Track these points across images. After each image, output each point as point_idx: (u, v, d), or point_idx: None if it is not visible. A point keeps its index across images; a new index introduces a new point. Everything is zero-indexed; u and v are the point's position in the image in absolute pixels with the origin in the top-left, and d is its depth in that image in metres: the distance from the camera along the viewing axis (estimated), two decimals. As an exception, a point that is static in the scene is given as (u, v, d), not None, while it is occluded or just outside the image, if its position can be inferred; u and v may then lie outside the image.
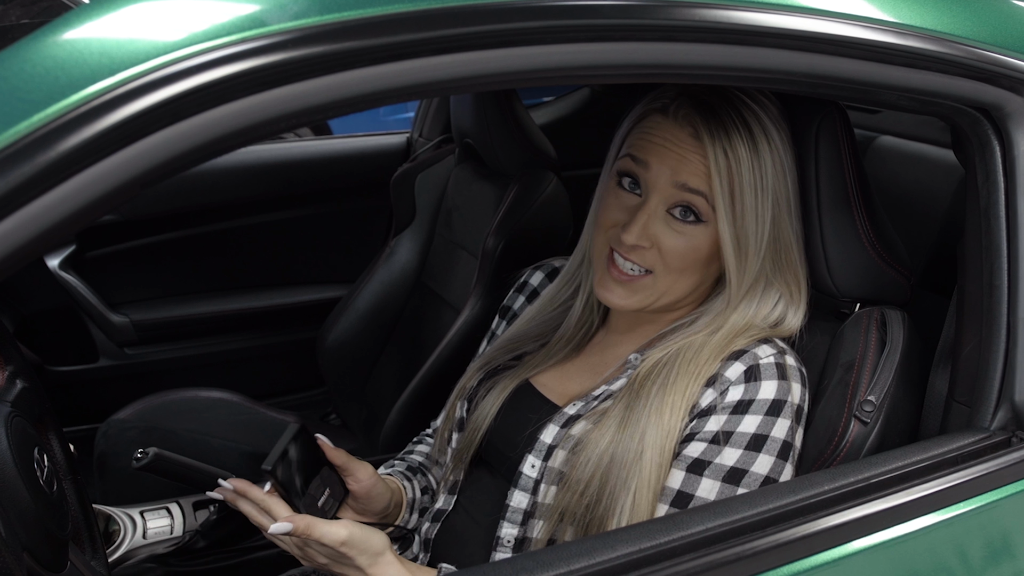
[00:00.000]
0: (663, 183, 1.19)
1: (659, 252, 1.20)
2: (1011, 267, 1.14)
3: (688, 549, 0.94)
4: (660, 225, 1.20)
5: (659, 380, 1.19)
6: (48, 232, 0.72)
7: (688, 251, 1.20)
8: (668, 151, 1.19)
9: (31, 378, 1.30)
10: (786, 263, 1.23)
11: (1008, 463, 1.11)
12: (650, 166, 1.20)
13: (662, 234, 1.19)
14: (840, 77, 1.03)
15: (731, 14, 0.94)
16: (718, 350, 1.20)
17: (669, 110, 1.20)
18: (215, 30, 0.76)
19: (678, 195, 1.19)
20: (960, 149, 1.21)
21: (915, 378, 1.25)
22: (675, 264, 1.20)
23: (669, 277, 1.21)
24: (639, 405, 1.17)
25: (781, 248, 1.22)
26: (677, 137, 1.19)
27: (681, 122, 1.19)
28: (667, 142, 1.19)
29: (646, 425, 1.16)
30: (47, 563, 1.07)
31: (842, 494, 1.03)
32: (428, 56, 0.80)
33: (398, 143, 2.69)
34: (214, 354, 2.59)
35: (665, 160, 1.19)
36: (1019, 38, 1.15)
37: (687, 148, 1.18)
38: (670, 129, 1.20)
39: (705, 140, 1.17)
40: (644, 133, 1.22)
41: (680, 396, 1.17)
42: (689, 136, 1.18)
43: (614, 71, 0.93)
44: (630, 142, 1.23)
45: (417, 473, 1.44)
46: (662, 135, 1.20)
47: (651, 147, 1.20)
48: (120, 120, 0.72)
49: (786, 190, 1.22)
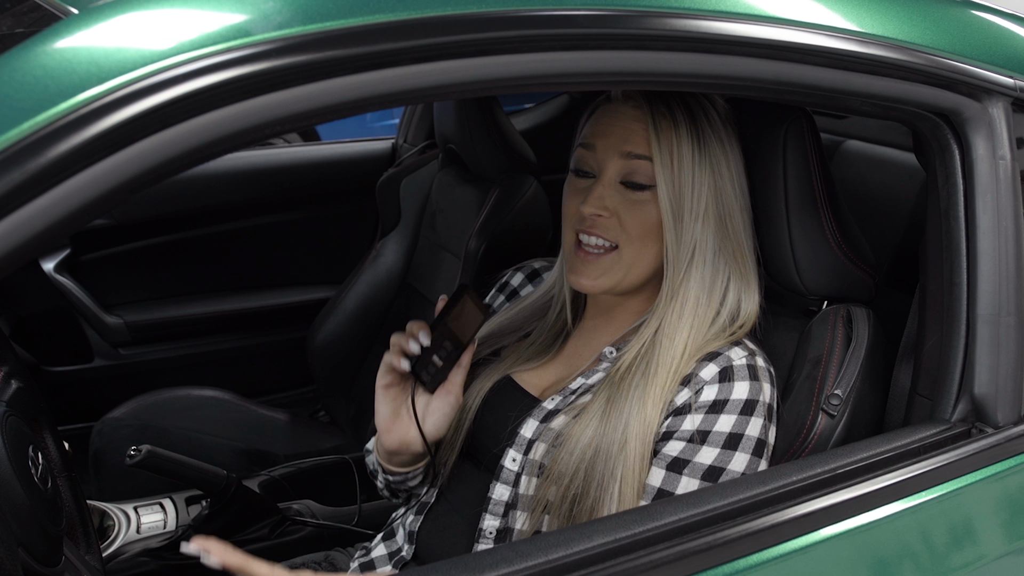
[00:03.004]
0: (611, 157, 1.22)
1: (619, 222, 1.21)
2: (970, 266, 1.14)
3: (662, 538, 0.94)
4: (615, 196, 1.22)
5: (639, 371, 1.19)
6: (39, 236, 0.72)
7: (644, 217, 1.21)
8: (613, 126, 1.23)
9: (26, 378, 1.29)
10: (738, 241, 1.23)
11: (968, 453, 1.12)
12: (596, 147, 1.23)
13: (618, 205, 1.21)
14: (806, 84, 1.04)
15: (700, 23, 0.95)
16: (693, 338, 1.20)
17: (612, 95, 1.25)
18: (201, 40, 0.75)
19: (626, 164, 1.21)
20: (921, 153, 1.21)
21: (880, 372, 1.26)
22: (635, 231, 1.21)
23: (632, 248, 1.22)
24: (621, 396, 1.18)
25: (730, 223, 1.23)
26: (620, 112, 1.23)
27: (623, 99, 1.24)
28: (612, 120, 1.23)
29: (629, 415, 1.16)
30: (42, 558, 1.06)
31: (810, 484, 1.03)
32: (408, 64, 0.80)
33: (384, 149, 2.68)
34: (206, 354, 2.58)
35: (611, 135, 1.22)
36: (977, 46, 1.16)
37: (629, 118, 1.22)
38: (614, 108, 1.24)
39: (644, 107, 1.21)
40: (592, 123, 1.26)
41: (660, 388, 1.17)
42: (631, 108, 1.22)
43: (589, 78, 0.93)
44: (581, 134, 1.27)
45: None
46: (608, 118, 1.24)
47: (598, 129, 1.24)
48: (109, 127, 0.71)
49: (728, 164, 1.23)
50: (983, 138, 1.14)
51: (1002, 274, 1.14)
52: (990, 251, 1.14)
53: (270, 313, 2.63)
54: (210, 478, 1.75)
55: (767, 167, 1.26)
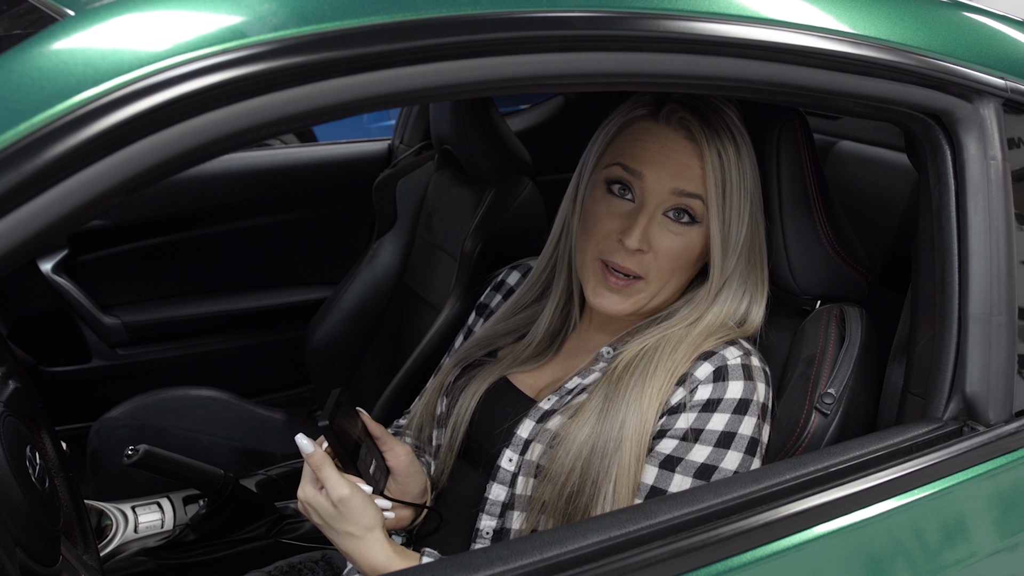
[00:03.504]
0: (661, 190, 1.18)
1: (654, 255, 1.19)
2: (962, 265, 1.15)
3: (656, 536, 0.94)
4: (656, 228, 1.19)
5: (639, 370, 1.19)
6: (36, 237, 0.71)
7: (683, 251, 1.20)
8: (666, 158, 1.18)
9: (23, 378, 1.29)
10: (758, 261, 1.24)
11: (960, 451, 1.13)
12: (645, 176, 1.19)
13: (658, 237, 1.19)
14: (799, 85, 1.04)
15: (694, 25, 0.95)
16: (695, 346, 1.20)
17: (660, 115, 1.20)
18: (197, 41, 0.75)
19: (675, 200, 1.19)
20: (913, 153, 1.22)
21: (873, 371, 1.26)
22: (668, 266, 1.20)
23: (661, 279, 1.21)
24: (618, 395, 1.17)
25: (756, 246, 1.23)
26: (673, 142, 1.18)
27: (675, 126, 1.19)
28: (664, 148, 1.18)
29: (626, 414, 1.15)
30: (39, 557, 1.06)
31: (804, 482, 1.04)
32: (403, 66, 0.80)
33: (380, 150, 2.68)
34: (203, 354, 2.58)
35: (664, 168, 1.18)
36: (968, 48, 1.17)
37: (684, 153, 1.18)
38: (664, 134, 1.19)
39: (702, 143, 1.17)
40: (636, 140, 1.20)
41: (658, 388, 1.17)
42: (684, 139, 1.18)
43: (583, 80, 0.93)
44: (618, 150, 1.22)
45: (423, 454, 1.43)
46: (657, 142, 1.19)
47: (647, 155, 1.19)
48: (105, 128, 0.71)
49: (757, 191, 1.23)
50: (974, 139, 1.14)
51: (993, 273, 1.14)
52: (981, 251, 1.14)
53: (267, 313, 2.63)
54: (207, 477, 1.75)
55: (761, 168, 1.26)
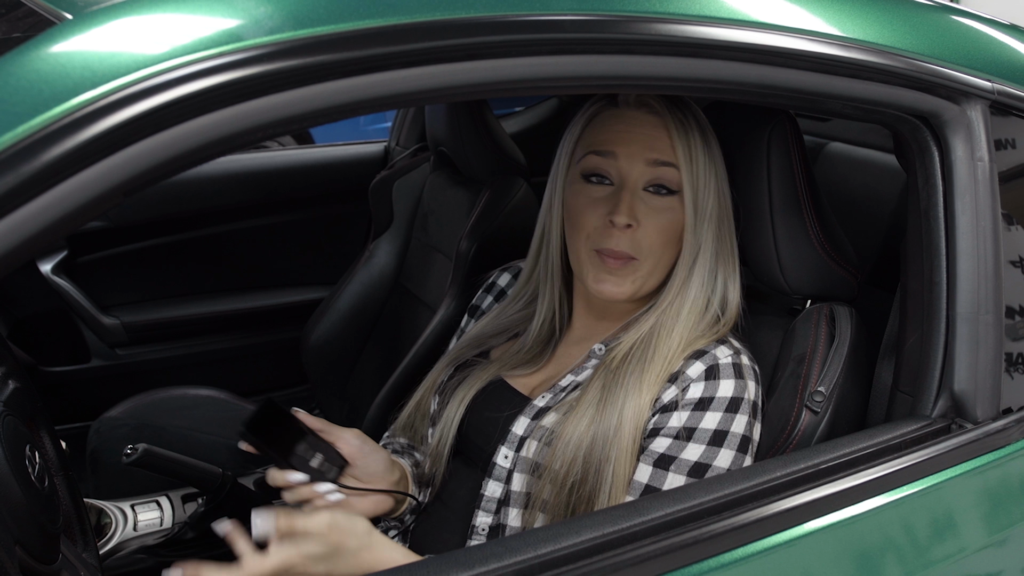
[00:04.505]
0: (636, 164, 1.20)
1: (644, 232, 1.20)
2: (950, 265, 1.15)
3: (649, 533, 0.94)
4: (640, 204, 1.21)
5: (636, 358, 1.19)
6: (36, 238, 0.71)
7: (669, 223, 1.21)
8: (633, 134, 1.21)
9: (23, 378, 1.28)
10: (727, 236, 1.25)
11: (948, 448, 1.13)
12: (619, 155, 1.21)
13: (644, 212, 1.20)
14: (789, 87, 1.04)
15: (686, 28, 0.95)
16: (688, 328, 1.21)
17: (619, 100, 1.23)
18: (194, 44, 0.75)
19: (651, 172, 1.20)
20: (902, 155, 1.22)
21: (862, 370, 1.26)
22: (658, 240, 1.21)
23: (654, 256, 1.22)
24: (617, 383, 1.18)
25: (724, 219, 1.24)
26: (637, 119, 1.21)
27: (636, 105, 1.22)
28: (630, 126, 1.21)
29: (624, 400, 1.16)
30: (39, 555, 1.05)
31: (795, 479, 1.04)
32: (398, 69, 0.80)
33: (376, 151, 2.68)
34: (202, 353, 2.57)
35: (633, 143, 1.20)
36: (955, 51, 1.17)
37: (649, 126, 1.21)
38: (627, 114, 1.22)
39: (664, 113, 1.20)
40: (602, 127, 1.23)
41: (656, 373, 1.18)
42: (647, 114, 1.21)
43: (576, 82, 0.93)
44: (588, 141, 1.24)
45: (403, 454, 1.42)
46: (623, 122, 1.22)
47: (615, 136, 1.21)
48: (103, 130, 0.71)
49: (723, 167, 1.24)
50: (962, 140, 1.14)
51: (981, 273, 1.14)
52: (969, 250, 1.14)
53: (265, 313, 2.62)
54: (206, 476, 1.74)
55: (751, 169, 1.26)
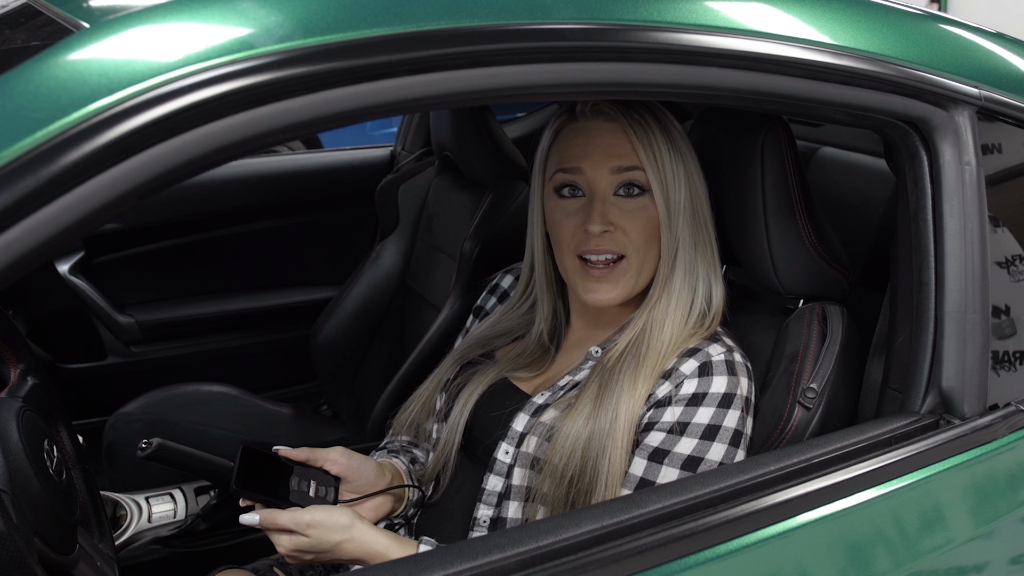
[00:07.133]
0: (602, 174, 1.20)
1: (624, 232, 1.20)
2: (938, 265, 1.15)
3: (647, 525, 0.94)
4: (614, 209, 1.21)
5: (631, 355, 1.20)
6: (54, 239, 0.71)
7: (647, 221, 1.21)
8: (594, 145, 1.20)
9: (41, 375, 1.29)
10: (703, 227, 1.24)
11: (937, 443, 1.13)
12: (583, 169, 1.21)
13: (619, 216, 1.20)
14: (782, 94, 1.04)
15: (682, 36, 0.95)
16: (679, 323, 1.21)
17: (577, 113, 1.23)
18: (207, 52, 0.75)
19: (618, 178, 1.20)
20: (892, 159, 1.22)
21: (853, 367, 1.26)
22: (640, 238, 1.21)
23: (639, 254, 1.21)
24: (613, 380, 1.18)
25: (698, 212, 1.23)
26: (595, 129, 1.21)
27: (592, 115, 1.21)
28: (590, 138, 1.21)
29: (619, 396, 1.16)
30: (57, 546, 1.06)
31: (787, 473, 1.04)
32: (404, 76, 0.80)
33: (383, 156, 2.68)
34: (214, 351, 2.57)
35: (595, 154, 1.20)
36: (944, 57, 1.17)
37: (609, 134, 1.20)
38: (586, 126, 1.22)
39: (620, 119, 1.19)
40: (565, 144, 1.23)
41: (651, 368, 1.18)
42: (604, 122, 1.21)
43: (576, 89, 0.93)
44: (555, 159, 1.24)
45: (400, 453, 1.43)
46: (582, 135, 1.21)
47: (578, 151, 1.21)
48: (119, 136, 0.71)
49: (692, 157, 1.23)
50: (950, 145, 1.14)
51: (968, 273, 1.14)
52: (957, 252, 1.14)
53: (275, 312, 2.62)
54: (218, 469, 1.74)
55: (746, 173, 1.26)
